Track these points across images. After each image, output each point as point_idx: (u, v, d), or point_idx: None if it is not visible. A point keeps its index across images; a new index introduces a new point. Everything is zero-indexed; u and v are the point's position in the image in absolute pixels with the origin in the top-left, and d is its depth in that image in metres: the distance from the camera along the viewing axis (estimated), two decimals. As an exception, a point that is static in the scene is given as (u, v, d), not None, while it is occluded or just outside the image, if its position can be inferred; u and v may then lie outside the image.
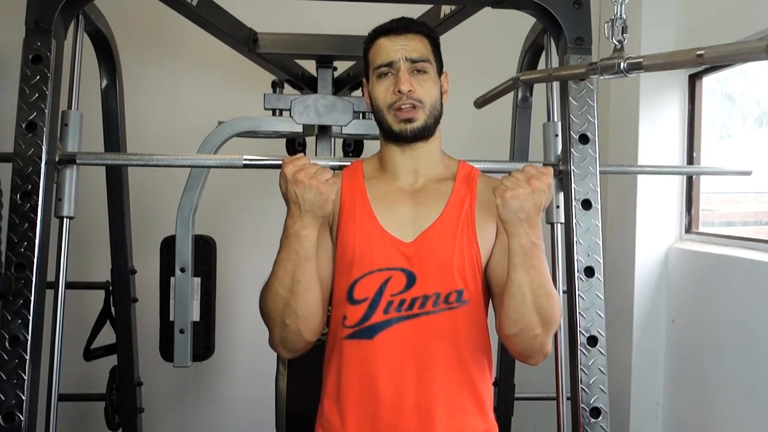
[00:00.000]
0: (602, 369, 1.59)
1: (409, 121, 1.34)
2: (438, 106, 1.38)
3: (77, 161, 1.64)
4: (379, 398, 1.32)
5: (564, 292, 1.71)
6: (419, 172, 1.40)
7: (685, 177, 2.82)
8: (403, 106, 1.34)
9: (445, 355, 1.32)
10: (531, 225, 1.22)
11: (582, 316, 1.60)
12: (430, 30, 1.42)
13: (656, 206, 2.83)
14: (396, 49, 1.35)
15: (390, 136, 1.38)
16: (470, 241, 1.35)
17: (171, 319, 2.07)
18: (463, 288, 1.33)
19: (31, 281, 1.48)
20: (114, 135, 2.25)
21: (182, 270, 2.07)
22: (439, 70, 1.41)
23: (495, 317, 1.38)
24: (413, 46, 1.36)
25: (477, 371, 1.36)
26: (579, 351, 1.59)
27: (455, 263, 1.33)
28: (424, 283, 1.32)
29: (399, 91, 1.33)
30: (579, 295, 1.61)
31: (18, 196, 1.51)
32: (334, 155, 2.42)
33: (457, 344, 1.33)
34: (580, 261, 1.63)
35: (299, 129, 2.21)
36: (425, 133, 1.37)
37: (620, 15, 1.49)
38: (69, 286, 1.68)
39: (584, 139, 1.68)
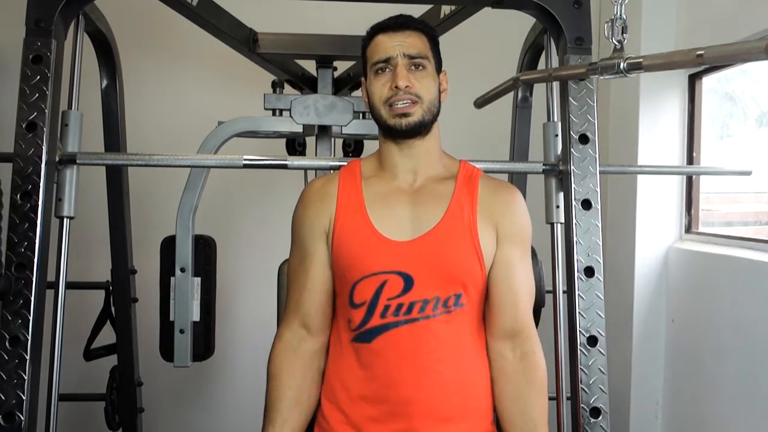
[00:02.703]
0: (602, 369, 1.59)
1: (405, 115, 1.33)
2: (436, 103, 1.37)
3: (77, 161, 1.64)
4: (377, 402, 1.32)
5: (564, 292, 1.70)
6: (418, 172, 1.39)
7: (685, 177, 2.82)
8: (399, 102, 1.33)
9: (444, 359, 1.32)
10: None
11: (582, 316, 1.60)
12: (428, 27, 1.41)
13: (656, 206, 2.83)
14: (394, 45, 1.35)
15: (386, 132, 1.38)
16: (472, 247, 1.33)
17: (171, 319, 2.07)
18: (462, 292, 1.33)
19: (31, 281, 1.49)
20: (114, 135, 2.25)
21: (182, 270, 2.07)
22: (438, 68, 1.40)
23: (486, 321, 1.39)
24: (411, 42, 1.35)
25: (476, 375, 1.36)
26: (579, 351, 1.59)
27: (456, 268, 1.32)
28: (423, 287, 1.31)
29: (396, 87, 1.32)
30: (579, 295, 1.61)
31: (18, 196, 1.51)
32: (334, 155, 2.42)
33: (456, 348, 1.33)
34: (580, 261, 1.63)
35: (299, 129, 2.21)
36: (421, 128, 1.35)
37: (620, 15, 1.49)
38: (69, 286, 1.68)
39: (584, 139, 1.68)
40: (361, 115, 2.20)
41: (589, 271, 1.63)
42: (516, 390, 1.34)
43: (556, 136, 1.79)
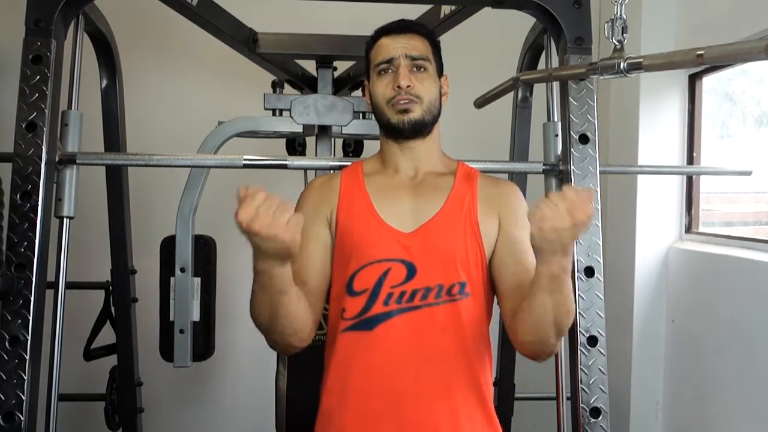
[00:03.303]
0: (602, 369, 1.59)
1: (406, 111, 1.35)
2: (436, 104, 1.40)
3: (77, 161, 1.64)
4: (378, 391, 1.31)
5: (564, 292, 1.70)
6: (419, 169, 1.42)
7: (685, 177, 2.82)
8: (401, 101, 1.35)
9: (447, 347, 1.32)
10: (565, 253, 1.16)
11: (582, 316, 1.60)
12: (430, 32, 1.45)
13: (656, 206, 2.82)
14: (396, 46, 1.38)
15: (388, 131, 1.40)
16: (473, 235, 1.35)
17: (171, 319, 2.07)
18: (466, 280, 1.33)
19: (31, 281, 1.49)
20: (114, 135, 2.25)
21: (182, 270, 2.07)
22: (439, 72, 1.43)
23: (500, 312, 1.38)
24: (413, 44, 1.38)
25: (478, 364, 1.36)
26: (579, 351, 1.59)
27: (458, 255, 1.33)
28: (425, 275, 1.32)
29: (398, 87, 1.35)
30: (579, 295, 1.61)
31: (18, 196, 1.51)
32: (334, 155, 2.42)
33: (459, 337, 1.33)
34: (580, 261, 1.63)
35: (299, 129, 2.21)
36: (422, 127, 1.38)
37: (620, 15, 1.49)
38: (69, 286, 1.68)
39: (584, 139, 1.68)
40: (361, 115, 2.20)
41: (589, 271, 1.63)
42: (536, 308, 1.23)
43: (556, 136, 1.79)
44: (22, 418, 1.44)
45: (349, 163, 1.53)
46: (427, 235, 1.34)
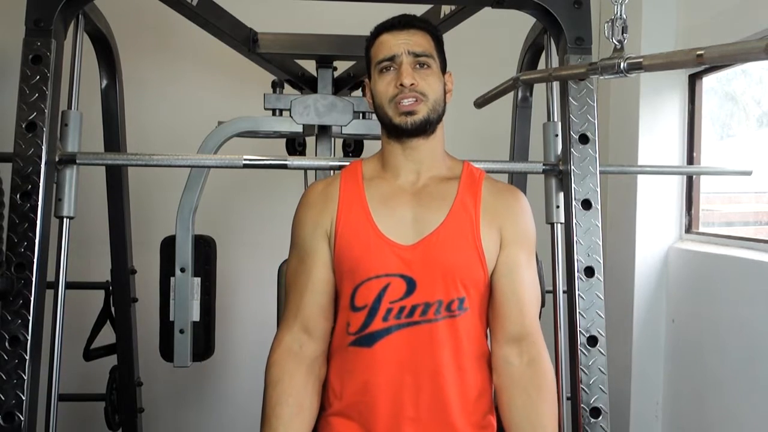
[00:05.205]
0: (602, 369, 1.59)
1: (410, 113, 1.32)
2: (441, 102, 1.36)
3: (77, 161, 1.64)
4: (377, 407, 1.30)
5: (564, 292, 1.70)
6: (421, 172, 1.38)
7: (685, 177, 2.82)
8: (405, 100, 1.31)
9: (445, 363, 1.30)
10: None
11: (582, 316, 1.60)
12: (433, 27, 1.41)
13: (656, 206, 2.82)
14: (398, 43, 1.34)
15: (391, 131, 1.36)
16: (475, 250, 1.32)
17: (171, 319, 2.07)
18: (465, 296, 1.31)
19: (31, 281, 1.49)
20: (114, 135, 2.25)
21: (182, 270, 2.07)
22: (443, 68, 1.40)
23: (489, 325, 1.38)
24: (416, 40, 1.34)
25: (477, 380, 1.35)
26: (579, 351, 1.59)
27: (458, 271, 1.31)
28: (425, 290, 1.30)
29: (401, 85, 1.31)
30: (579, 295, 1.61)
31: (18, 196, 1.51)
32: (334, 155, 2.42)
33: (458, 353, 1.31)
34: (580, 261, 1.63)
35: (299, 129, 2.21)
36: (427, 127, 1.34)
37: (620, 15, 1.49)
38: (69, 286, 1.68)
39: (584, 139, 1.68)
40: (361, 115, 2.20)
41: (589, 271, 1.63)
42: (525, 398, 1.31)
43: (556, 136, 1.79)
44: (22, 418, 1.44)
45: (348, 163, 1.52)
46: (428, 250, 1.30)
